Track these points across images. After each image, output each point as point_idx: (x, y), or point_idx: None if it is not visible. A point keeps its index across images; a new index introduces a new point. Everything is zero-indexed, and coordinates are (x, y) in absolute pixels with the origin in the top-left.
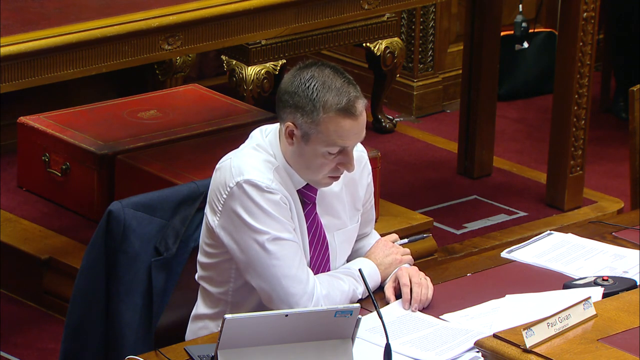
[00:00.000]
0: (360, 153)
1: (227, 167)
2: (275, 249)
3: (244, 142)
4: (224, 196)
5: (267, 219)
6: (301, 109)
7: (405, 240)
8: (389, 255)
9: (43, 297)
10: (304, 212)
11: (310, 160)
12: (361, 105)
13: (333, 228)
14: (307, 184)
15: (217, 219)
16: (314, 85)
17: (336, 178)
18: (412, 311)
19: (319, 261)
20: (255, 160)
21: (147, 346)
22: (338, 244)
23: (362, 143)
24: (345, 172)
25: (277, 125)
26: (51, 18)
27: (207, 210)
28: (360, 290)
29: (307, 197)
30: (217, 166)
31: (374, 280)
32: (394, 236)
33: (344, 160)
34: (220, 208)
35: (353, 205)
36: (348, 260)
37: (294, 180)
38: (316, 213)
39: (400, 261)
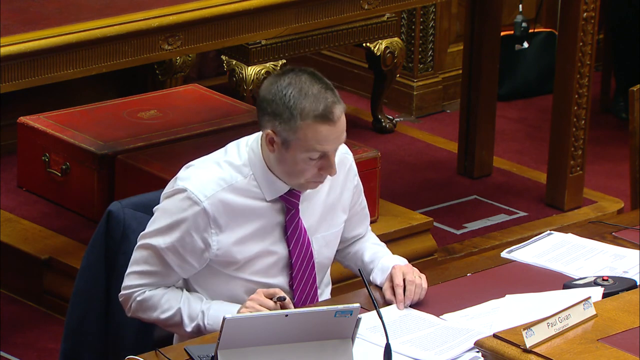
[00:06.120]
0: (344, 155)
1: (181, 173)
2: (142, 251)
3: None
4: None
5: (166, 225)
6: (279, 117)
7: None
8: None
9: (43, 297)
10: (285, 220)
11: (292, 166)
12: (339, 110)
13: (314, 232)
14: (289, 190)
15: None
16: (291, 92)
17: (320, 181)
18: (399, 309)
19: (303, 269)
20: (209, 174)
21: (147, 346)
22: (317, 248)
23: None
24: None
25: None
26: (51, 18)
27: None
28: (190, 329)
29: (289, 203)
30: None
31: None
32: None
33: (326, 165)
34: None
35: (336, 210)
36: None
37: (275, 187)
38: (299, 219)
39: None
